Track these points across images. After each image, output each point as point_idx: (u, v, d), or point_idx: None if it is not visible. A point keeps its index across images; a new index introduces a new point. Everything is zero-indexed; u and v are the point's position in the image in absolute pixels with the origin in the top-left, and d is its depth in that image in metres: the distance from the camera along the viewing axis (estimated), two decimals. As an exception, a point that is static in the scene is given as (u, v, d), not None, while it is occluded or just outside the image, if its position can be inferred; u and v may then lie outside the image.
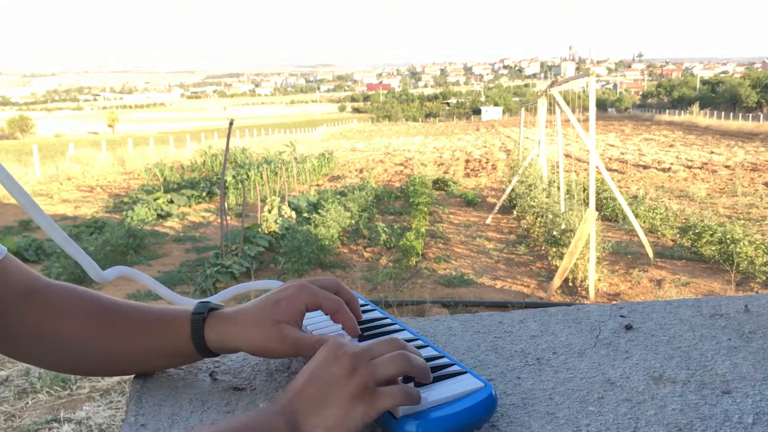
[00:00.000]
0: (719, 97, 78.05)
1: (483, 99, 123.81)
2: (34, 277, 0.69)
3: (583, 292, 6.27)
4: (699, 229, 7.84)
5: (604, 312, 0.88)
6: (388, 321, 0.77)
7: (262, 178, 13.50)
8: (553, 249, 7.58)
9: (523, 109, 15.73)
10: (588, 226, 6.14)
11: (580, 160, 19.26)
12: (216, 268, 7.05)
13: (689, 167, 18.40)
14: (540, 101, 10.87)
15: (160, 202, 12.56)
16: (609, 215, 10.46)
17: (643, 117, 69.34)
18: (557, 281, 6.26)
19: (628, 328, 0.81)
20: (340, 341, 0.58)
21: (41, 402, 3.43)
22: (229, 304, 0.73)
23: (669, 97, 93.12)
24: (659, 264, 7.33)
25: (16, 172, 17.23)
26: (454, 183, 15.96)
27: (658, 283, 6.56)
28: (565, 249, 6.78)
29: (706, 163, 19.29)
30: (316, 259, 7.66)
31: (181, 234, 10.44)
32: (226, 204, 11.93)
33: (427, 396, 0.57)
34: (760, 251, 6.83)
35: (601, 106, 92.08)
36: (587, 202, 6.75)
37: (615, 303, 0.92)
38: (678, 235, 8.54)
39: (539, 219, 8.92)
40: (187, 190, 14.16)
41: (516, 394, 0.65)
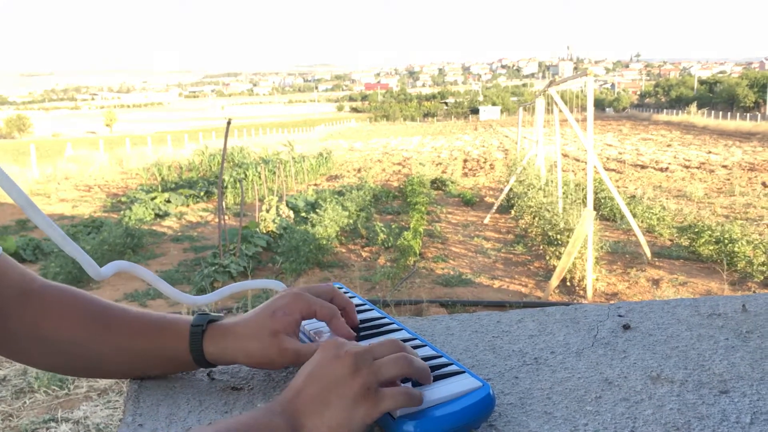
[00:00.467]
0: (717, 96, 78.16)
1: (481, 99, 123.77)
2: (30, 278, 0.68)
3: (581, 292, 6.28)
4: (698, 229, 7.85)
5: (602, 312, 0.88)
6: (386, 320, 0.77)
7: (260, 178, 13.49)
8: (550, 249, 7.59)
9: (521, 108, 15.72)
10: (586, 226, 6.14)
11: (578, 160, 19.28)
12: (214, 268, 7.05)
13: (687, 167, 18.42)
14: (538, 101, 10.87)
15: (158, 201, 12.55)
16: (607, 215, 10.47)
17: (641, 117, 69.38)
18: (555, 281, 6.27)
19: (626, 327, 0.81)
20: (341, 340, 0.58)
21: (38, 401, 3.42)
22: (226, 302, 0.73)
23: (667, 97, 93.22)
24: (657, 264, 7.34)
25: (13, 172, 17.19)
26: (452, 183, 15.94)
27: (656, 282, 6.56)
28: (562, 249, 6.79)
29: (704, 163, 19.31)
30: (313, 258, 7.66)
31: (179, 233, 10.43)
32: (224, 203, 11.93)
33: (426, 395, 0.57)
34: (758, 251, 6.84)
35: (599, 105, 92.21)
36: (585, 202, 6.75)
37: (613, 303, 0.92)
38: (676, 235, 8.55)
39: (537, 219, 8.92)
40: (184, 190, 14.14)
41: (514, 394, 0.65)
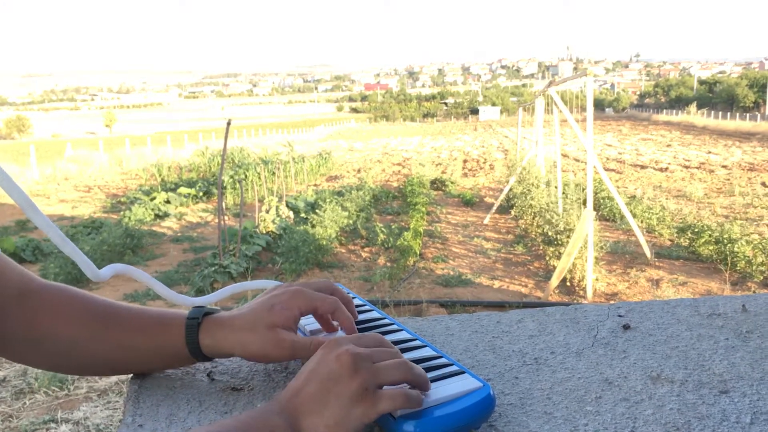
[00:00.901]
0: (716, 97, 78.22)
1: (481, 99, 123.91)
2: (28, 278, 0.69)
3: (581, 292, 6.28)
4: (697, 229, 7.85)
5: (602, 312, 0.88)
6: (386, 321, 0.77)
7: (260, 178, 13.49)
8: (550, 249, 7.59)
9: (520, 109, 15.72)
10: (586, 226, 6.14)
11: (578, 160, 19.29)
12: (213, 268, 7.05)
13: (687, 167, 18.43)
14: (537, 101, 10.87)
15: (158, 202, 12.54)
16: (607, 215, 10.47)
17: (641, 117, 69.40)
18: (555, 281, 6.27)
19: (626, 327, 0.81)
20: (341, 341, 0.58)
21: (39, 402, 3.42)
22: (226, 303, 0.73)
23: (666, 97, 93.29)
24: (657, 264, 7.34)
25: (13, 173, 17.19)
26: (452, 183, 15.94)
27: (656, 282, 6.56)
28: (562, 249, 6.79)
29: (704, 163, 19.32)
30: (313, 259, 7.66)
31: (179, 234, 10.42)
32: (224, 204, 11.93)
33: (426, 396, 0.57)
34: (758, 251, 6.84)
35: (599, 106, 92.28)
36: (585, 202, 6.75)
37: (613, 303, 0.92)
38: (675, 235, 8.55)
39: (537, 219, 8.92)
40: (184, 190, 14.14)
41: (514, 394, 0.64)
